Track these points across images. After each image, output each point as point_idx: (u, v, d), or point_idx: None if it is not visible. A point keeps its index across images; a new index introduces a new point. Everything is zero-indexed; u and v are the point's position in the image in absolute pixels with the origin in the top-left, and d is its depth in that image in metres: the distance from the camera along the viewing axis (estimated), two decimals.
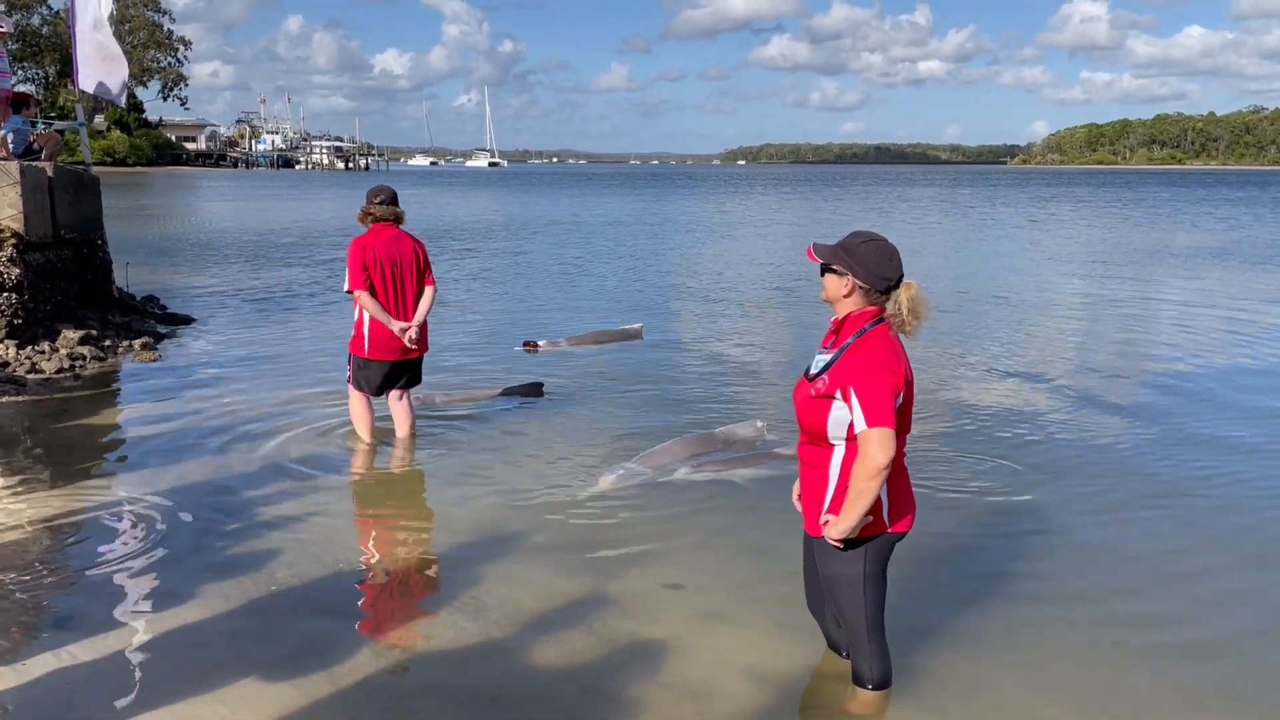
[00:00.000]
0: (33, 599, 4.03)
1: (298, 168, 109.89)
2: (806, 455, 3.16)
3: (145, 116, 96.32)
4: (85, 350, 8.42)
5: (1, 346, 8.05)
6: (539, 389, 7.59)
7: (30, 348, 8.19)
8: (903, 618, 3.74)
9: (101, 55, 10.37)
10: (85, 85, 10.54)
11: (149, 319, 10.36)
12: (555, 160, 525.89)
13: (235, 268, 16.35)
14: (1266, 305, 13.05)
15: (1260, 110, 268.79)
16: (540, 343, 9.42)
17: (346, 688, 3.40)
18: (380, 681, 3.45)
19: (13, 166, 8.57)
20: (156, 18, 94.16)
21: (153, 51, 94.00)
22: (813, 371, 3.09)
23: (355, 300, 5.92)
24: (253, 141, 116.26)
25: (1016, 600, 4.15)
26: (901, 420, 2.96)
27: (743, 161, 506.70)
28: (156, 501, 5.17)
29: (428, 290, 6.06)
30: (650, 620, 3.90)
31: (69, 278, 9.38)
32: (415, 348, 6.03)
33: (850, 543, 3.06)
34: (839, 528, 3.00)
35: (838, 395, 2.96)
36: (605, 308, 12.44)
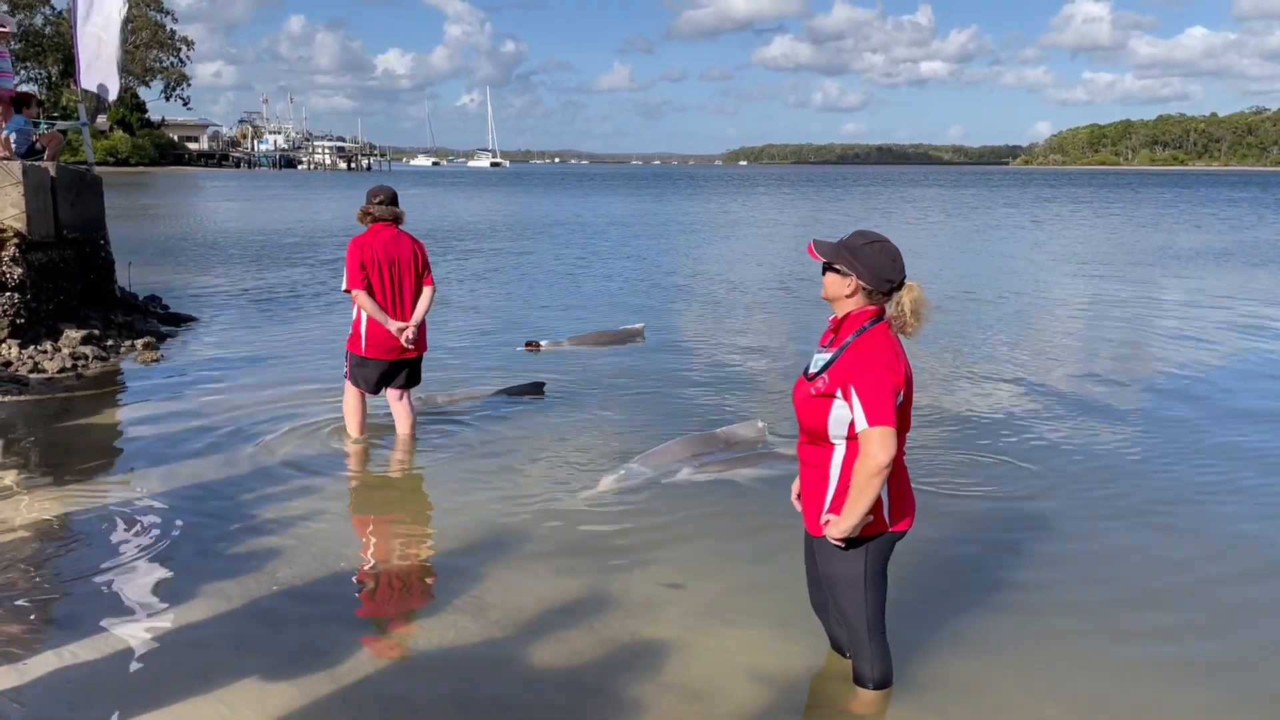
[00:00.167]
0: (34, 598, 4.04)
1: (300, 168, 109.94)
2: (806, 455, 3.16)
3: (148, 116, 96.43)
4: (87, 350, 8.43)
5: (4, 346, 8.06)
6: (540, 389, 7.59)
7: (33, 347, 8.20)
8: (905, 618, 3.74)
9: (103, 55, 10.39)
10: (87, 84, 10.56)
11: (151, 319, 10.37)
12: (557, 160, 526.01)
13: (238, 268, 16.36)
14: (1270, 307, 13.03)
15: (1263, 111, 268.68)
16: (542, 343, 9.43)
17: (347, 687, 3.40)
18: (381, 681, 3.46)
19: (15, 166, 8.58)
20: (159, 18, 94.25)
21: (155, 51, 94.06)
22: (812, 371, 3.09)
23: (354, 299, 5.94)
24: (255, 141, 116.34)
25: (1019, 602, 4.14)
26: (901, 419, 2.96)
27: (745, 162, 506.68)
28: (158, 501, 5.18)
29: (426, 290, 6.07)
30: (651, 620, 3.90)
31: (71, 277, 9.39)
32: (412, 348, 6.05)
33: (851, 542, 3.06)
34: (840, 527, 3.00)
35: (838, 394, 2.96)
36: (608, 308, 12.43)
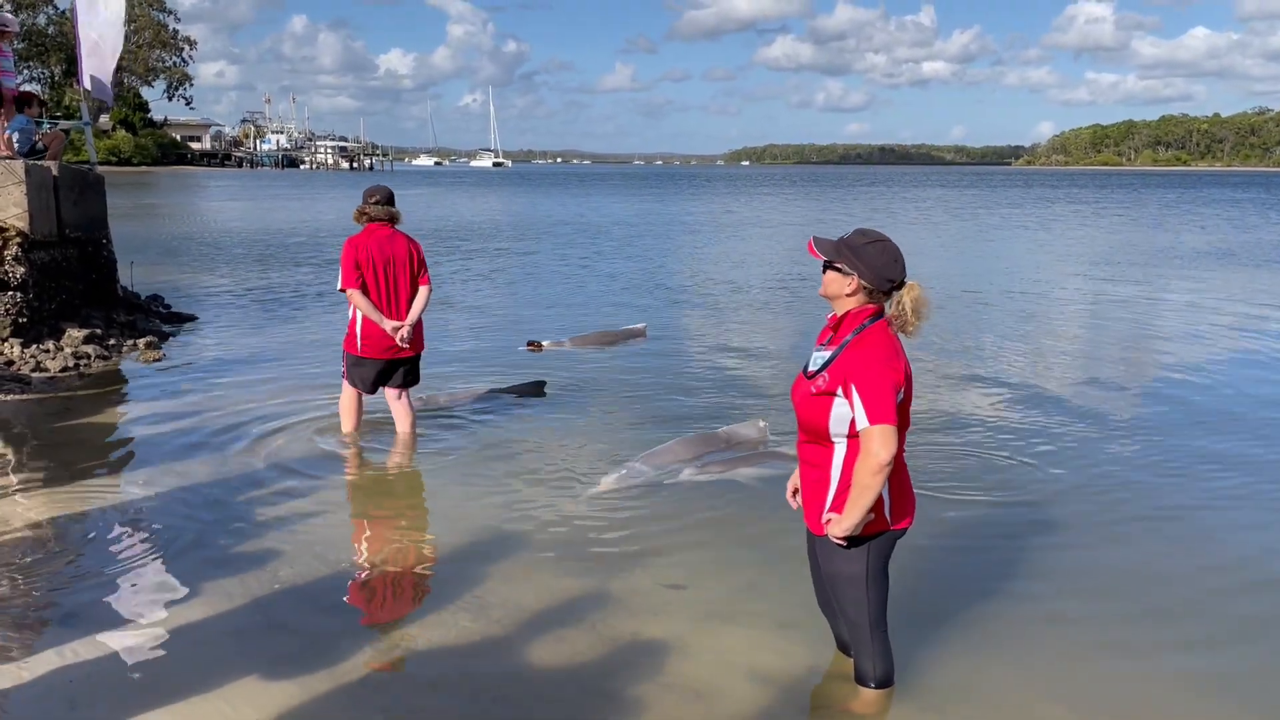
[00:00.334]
0: (36, 597, 4.04)
1: (302, 167, 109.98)
2: (807, 454, 3.15)
3: (150, 116, 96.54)
4: (90, 349, 8.44)
5: (6, 345, 8.07)
6: (541, 388, 7.59)
7: (35, 346, 8.21)
8: (907, 619, 3.73)
9: (99, 53, 10.42)
10: (85, 82, 10.59)
11: (153, 318, 10.38)
12: (559, 160, 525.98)
13: (240, 267, 16.36)
14: (1275, 310, 12.99)
15: (1266, 111, 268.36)
16: (544, 342, 9.42)
17: (348, 686, 3.40)
18: (382, 680, 3.46)
19: (18, 165, 8.59)
20: (162, 17, 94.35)
21: (158, 51, 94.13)
22: (811, 369, 3.08)
23: (349, 299, 5.95)
24: (257, 141, 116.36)
25: (1021, 603, 4.13)
26: (901, 417, 2.95)
27: (747, 162, 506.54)
28: (160, 500, 5.18)
29: (422, 290, 6.06)
30: (652, 620, 3.90)
31: (74, 277, 9.40)
32: (408, 347, 6.04)
33: (853, 540, 3.05)
34: (842, 526, 3.00)
35: (839, 392, 2.96)
36: (612, 307, 12.44)
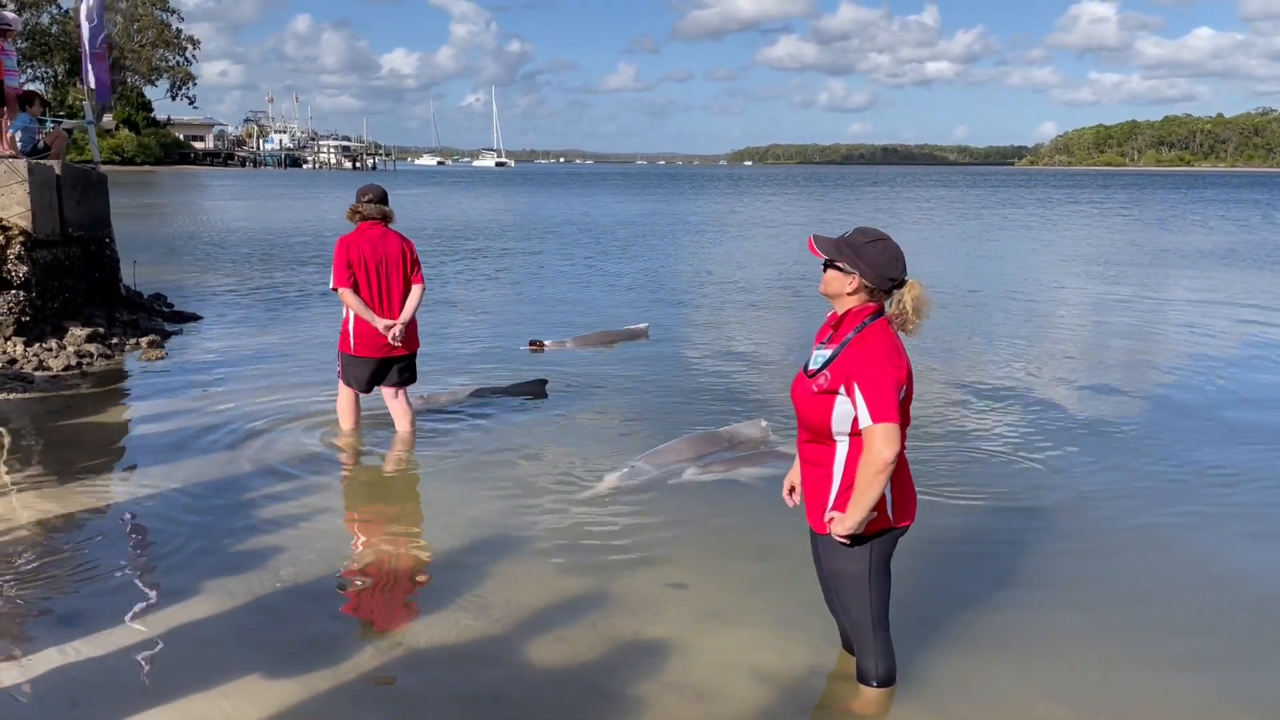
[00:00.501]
0: (37, 595, 4.04)
1: (305, 167, 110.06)
2: (808, 453, 3.15)
3: (153, 115, 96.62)
4: (92, 348, 8.45)
5: (9, 344, 8.08)
6: (542, 387, 7.58)
7: (38, 345, 8.21)
8: (909, 618, 3.72)
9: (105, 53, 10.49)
10: (93, 81, 10.63)
11: (156, 317, 10.38)
12: (562, 160, 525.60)
13: (243, 267, 16.38)
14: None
15: (1269, 112, 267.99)
16: (546, 342, 9.42)
17: (350, 684, 3.40)
18: (383, 679, 3.46)
19: (21, 164, 8.60)
20: (165, 17, 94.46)
21: (161, 50, 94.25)
22: (812, 367, 3.07)
23: (341, 298, 5.95)
24: (260, 141, 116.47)
25: (1023, 603, 4.12)
26: (903, 414, 2.94)
27: (749, 162, 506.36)
28: (162, 498, 5.19)
29: (415, 288, 6.05)
30: (653, 619, 3.89)
31: (76, 275, 9.41)
32: (400, 345, 6.03)
33: (856, 539, 3.05)
34: (846, 524, 2.99)
35: (841, 391, 2.95)
36: (616, 307, 12.44)
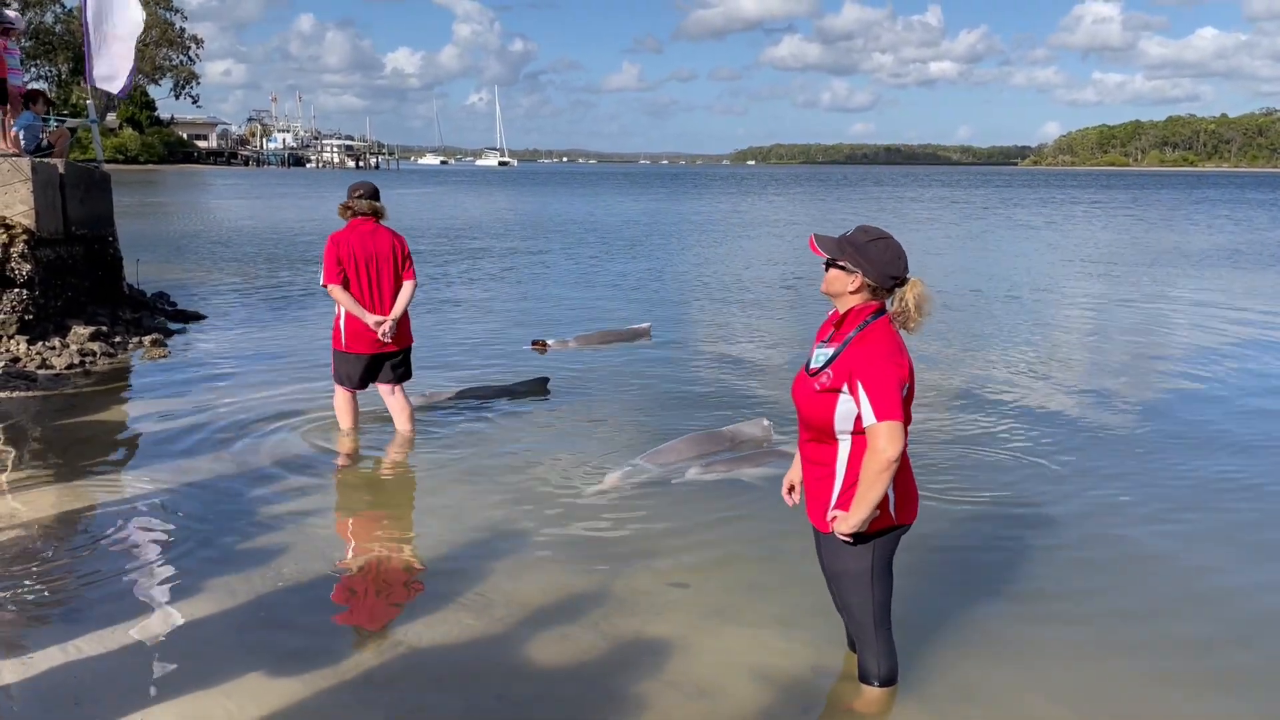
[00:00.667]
0: (40, 594, 4.05)
1: (308, 166, 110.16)
2: (810, 452, 3.14)
3: (157, 114, 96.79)
4: (95, 346, 8.46)
5: (12, 342, 8.09)
6: (544, 385, 7.59)
7: (41, 343, 8.23)
8: (911, 619, 3.72)
9: (117, 55, 10.49)
10: (100, 82, 10.63)
11: (159, 316, 10.40)
12: (565, 160, 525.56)
13: (246, 265, 16.39)
14: None
15: (1273, 112, 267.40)
16: (549, 342, 9.42)
17: (351, 683, 3.40)
18: (385, 677, 3.46)
19: (24, 163, 8.62)
20: (169, 16, 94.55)
21: (165, 50, 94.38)
22: (814, 366, 3.07)
23: (331, 295, 5.95)
24: (264, 140, 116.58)
25: (1027, 604, 4.12)
26: (905, 412, 2.94)
27: (752, 162, 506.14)
28: (164, 497, 5.19)
29: (406, 284, 6.05)
30: (655, 618, 3.89)
31: (80, 274, 9.43)
32: (391, 341, 6.02)
33: (859, 537, 3.04)
34: (849, 522, 2.99)
35: (844, 389, 2.95)
36: (621, 306, 12.44)
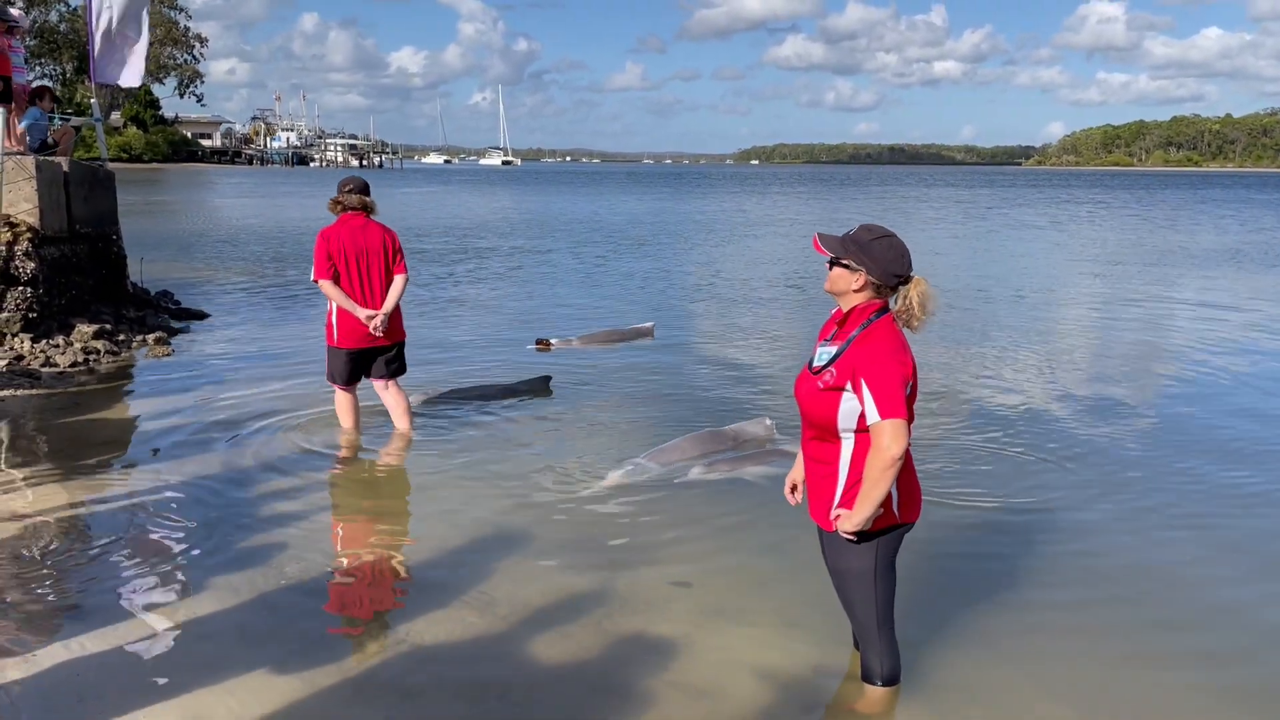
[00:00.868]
0: (43, 590, 4.05)
1: (312, 165, 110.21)
2: (813, 450, 3.13)
3: (161, 113, 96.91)
4: (99, 344, 8.47)
5: (16, 340, 8.11)
6: (546, 384, 7.58)
7: (45, 341, 8.24)
8: (914, 617, 3.72)
9: (123, 47, 10.51)
10: (106, 78, 10.66)
11: (163, 314, 10.42)
12: (568, 159, 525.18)
13: (250, 264, 16.41)
14: None
15: (1278, 112, 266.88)
16: (553, 341, 9.43)
17: (354, 680, 3.40)
18: (388, 676, 3.46)
19: (29, 161, 8.63)
20: (173, 15, 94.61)
21: (169, 48, 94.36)
22: (817, 364, 3.06)
23: (322, 290, 5.95)
24: (268, 139, 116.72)
25: (1029, 605, 4.11)
26: (908, 410, 2.93)
27: (756, 161, 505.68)
28: (167, 495, 5.20)
29: (398, 279, 6.04)
30: (658, 617, 3.89)
31: (84, 272, 9.44)
32: (382, 335, 6.01)
33: (863, 536, 3.04)
34: (853, 521, 2.98)
35: (847, 387, 2.94)
36: (625, 305, 12.44)
